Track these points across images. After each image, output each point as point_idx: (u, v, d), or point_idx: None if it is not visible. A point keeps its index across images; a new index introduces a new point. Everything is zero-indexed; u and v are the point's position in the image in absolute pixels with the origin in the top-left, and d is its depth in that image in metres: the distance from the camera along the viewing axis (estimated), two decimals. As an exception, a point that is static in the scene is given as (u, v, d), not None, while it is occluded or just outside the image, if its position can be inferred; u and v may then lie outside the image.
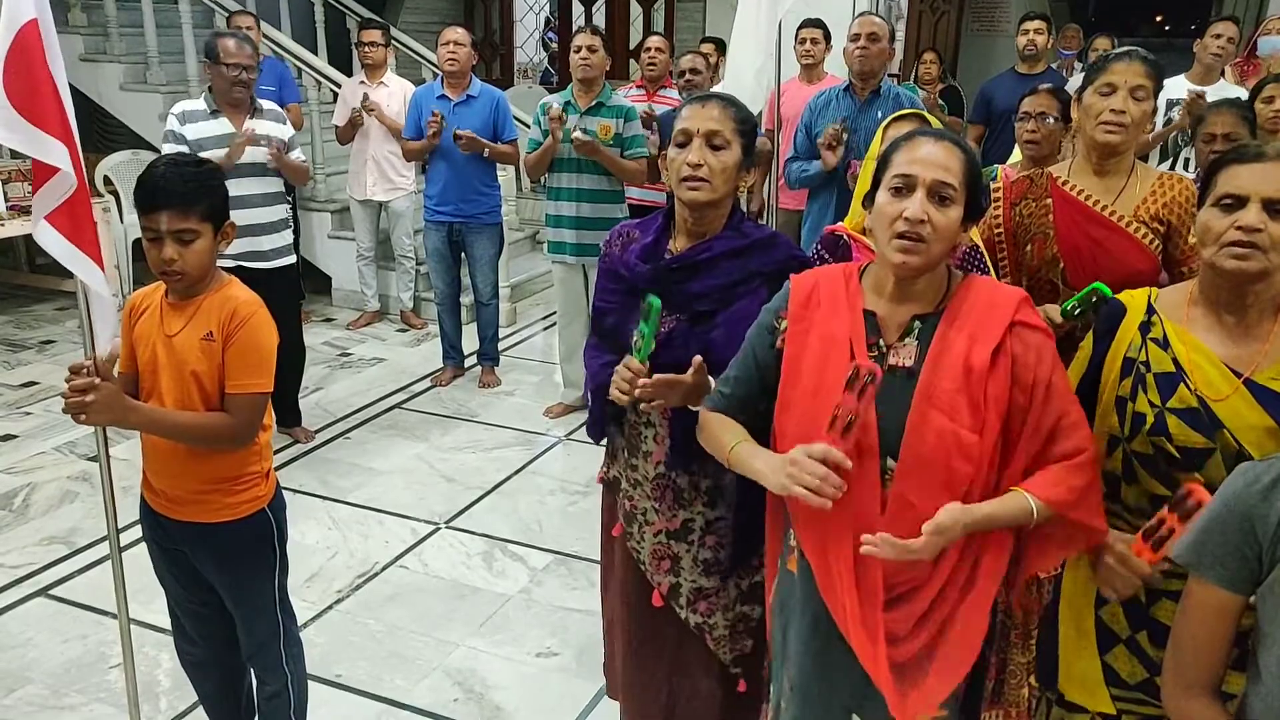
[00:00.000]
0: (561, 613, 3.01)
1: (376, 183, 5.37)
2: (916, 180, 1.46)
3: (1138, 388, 1.60)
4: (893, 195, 1.48)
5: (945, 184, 1.46)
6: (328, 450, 4.13)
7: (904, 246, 1.45)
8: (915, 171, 1.47)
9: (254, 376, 1.98)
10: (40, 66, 1.90)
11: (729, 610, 2.01)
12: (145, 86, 6.09)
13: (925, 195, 1.46)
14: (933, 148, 1.48)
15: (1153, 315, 1.63)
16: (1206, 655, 1.26)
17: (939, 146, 1.48)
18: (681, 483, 1.97)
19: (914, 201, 1.45)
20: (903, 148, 1.51)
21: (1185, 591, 1.31)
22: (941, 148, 1.48)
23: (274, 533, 2.13)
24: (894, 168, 1.49)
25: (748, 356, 1.66)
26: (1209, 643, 1.26)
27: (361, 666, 2.76)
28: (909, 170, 1.47)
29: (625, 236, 2.03)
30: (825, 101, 3.88)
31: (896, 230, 1.45)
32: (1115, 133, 2.11)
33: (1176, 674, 1.31)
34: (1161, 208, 2.16)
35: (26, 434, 4.19)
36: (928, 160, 1.47)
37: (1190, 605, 1.29)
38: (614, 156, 4.03)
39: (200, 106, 3.72)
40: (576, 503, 3.71)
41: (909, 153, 1.49)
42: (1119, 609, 1.66)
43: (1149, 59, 2.12)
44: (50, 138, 1.89)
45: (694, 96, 1.91)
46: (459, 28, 4.52)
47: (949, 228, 1.46)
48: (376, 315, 5.77)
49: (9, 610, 2.99)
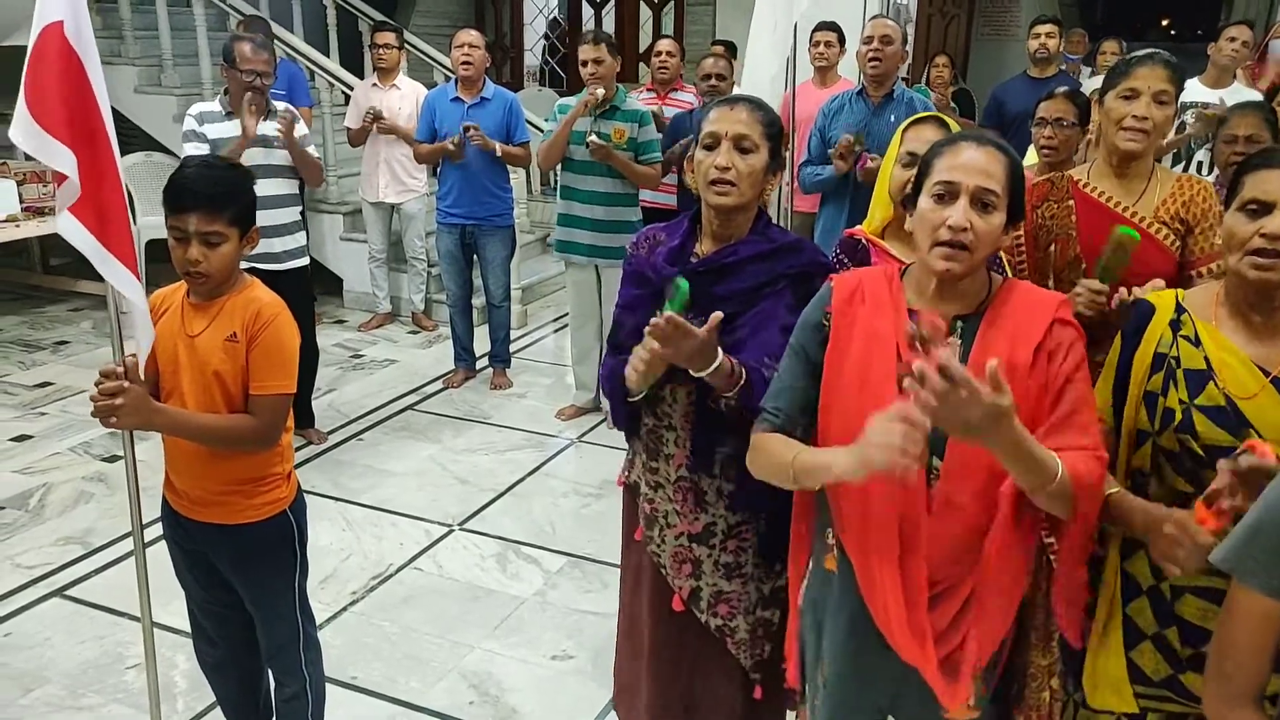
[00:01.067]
0: (576, 615, 3.01)
1: (389, 185, 5.38)
2: (960, 187, 1.45)
3: (1169, 382, 1.59)
4: (935, 202, 1.47)
5: (988, 190, 1.45)
6: (340, 452, 4.14)
7: (947, 254, 1.45)
8: (958, 178, 1.46)
9: (278, 378, 1.98)
10: (52, 69, 1.88)
11: (749, 614, 2.00)
12: (159, 89, 6.12)
13: (968, 202, 1.45)
14: (975, 153, 1.47)
15: (1182, 314, 1.62)
16: (1250, 664, 1.23)
17: (981, 151, 1.47)
18: (703, 485, 1.96)
19: (957, 209, 1.44)
20: (945, 153, 1.50)
21: (1228, 597, 1.27)
22: (984, 153, 1.47)
23: (295, 534, 2.14)
24: (936, 174, 1.48)
25: (797, 361, 1.62)
26: (1253, 651, 1.22)
27: (376, 668, 2.76)
28: (951, 177, 1.46)
29: (652, 240, 2.03)
30: (839, 106, 3.88)
31: (939, 238, 1.45)
32: (1137, 140, 2.11)
33: (1219, 683, 1.27)
34: (1180, 208, 2.16)
35: (42, 434, 4.21)
36: (970, 166, 1.46)
37: (1233, 612, 1.25)
38: (628, 161, 4.03)
39: (215, 108, 3.74)
40: (590, 505, 3.71)
41: (951, 158, 1.48)
42: (1147, 604, 1.65)
43: (1172, 62, 2.11)
44: (56, 142, 1.85)
45: (722, 99, 1.91)
46: (473, 30, 4.53)
47: (991, 234, 1.46)
48: (388, 317, 5.78)
49: (26, 610, 3.00)
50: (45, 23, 1.89)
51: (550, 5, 9.52)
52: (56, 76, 1.89)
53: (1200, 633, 1.55)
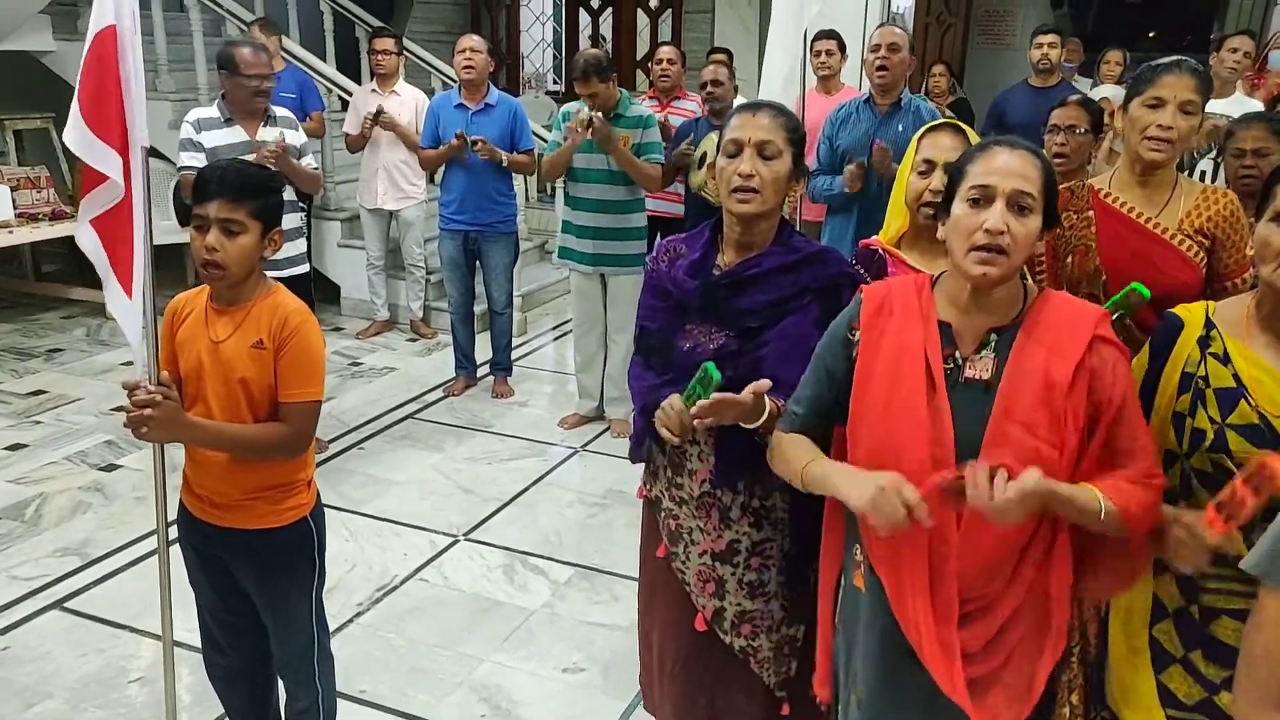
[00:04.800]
0: (586, 627, 2.97)
1: (387, 191, 5.34)
2: (995, 190, 1.44)
3: (1197, 403, 1.57)
4: (970, 206, 1.46)
5: (1024, 193, 1.44)
6: (342, 461, 4.09)
7: (983, 259, 1.43)
8: (994, 182, 1.44)
9: (308, 385, 1.96)
10: (109, 73, 1.89)
11: (773, 632, 1.97)
12: (154, 94, 6.06)
13: (1004, 206, 1.43)
14: (1009, 156, 1.46)
15: (1211, 330, 1.60)
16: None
17: (1015, 155, 1.46)
18: (727, 501, 1.93)
19: (994, 213, 1.43)
20: (978, 158, 1.48)
21: (1258, 605, 1.27)
22: (1018, 156, 1.46)
23: (315, 541, 2.11)
24: (970, 178, 1.47)
25: (820, 372, 1.63)
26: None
27: (385, 681, 2.72)
28: (987, 180, 1.44)
29: (672, 251, 2.00)
30: (846, 114, 3.86)
31: (976, 242, 1.43)
32: (1161, 150, 2.09)
33: (1249, 690, 1.26)
34: (1206, 221, 2.14)
35: (36, 443, 4.15)
36: (1006, 170, 1.44)
37: (1263, 619, 1.24)
38: (627, 154, 3.98)
39: (214, 114, 3.69)
40: (595, 515, 3.67)
41: (986, 162, 1.46)
42: (1172, 627, 1.63)
43: (1199, 71, 2.08)
44: (104, 144, 1.89)
45: (745, 105, 1.88)
46: (475, 35, 4.50)
47: (1028, 238, 1.44)
48: (386, 324, 5.73)
49: (25, 623, 2.95)
50: (100, 26, 1.89)
51: (547, 12, 9.51)
52: (112, 81, 1.90)
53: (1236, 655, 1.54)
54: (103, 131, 1.86)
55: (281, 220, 2.01)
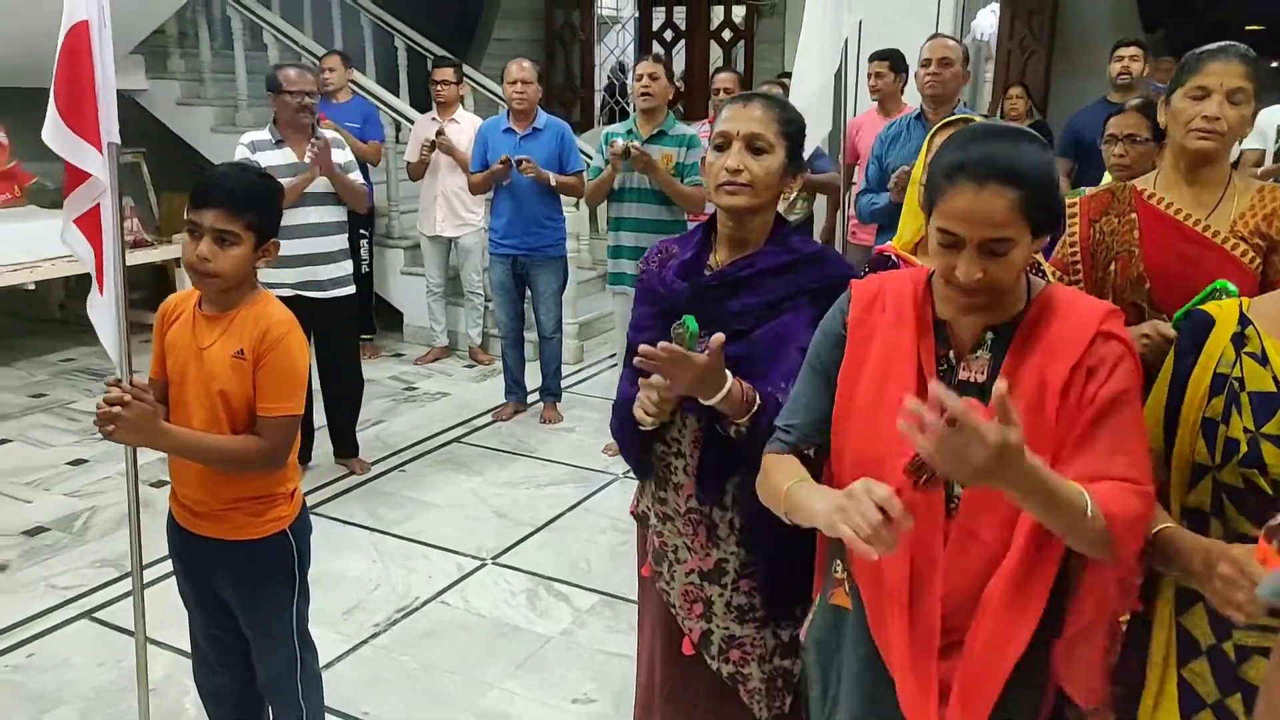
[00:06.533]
0: (602, 656, 2.85)
1: (445, 219, 5.39)
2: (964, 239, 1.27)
3: (1231, 408, 1.38)
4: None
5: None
6: (382, 482, 4.08)
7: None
8: (961, 232, 1.26)
9: (286, 399, 1.92)
10: (84, 68, 1.90)
11: (765, 662, 1.82)
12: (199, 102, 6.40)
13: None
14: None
15: (1247, 327, 1.41)
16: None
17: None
18: (715, 518, 1.80)
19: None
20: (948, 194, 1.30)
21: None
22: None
23: (294, 555, 2.05)
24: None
25: (813, 375, 1.49)
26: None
27: (391, 705, 2.64)
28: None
29: (664, 253, 1.90)
30: (896, 131, 3.72)
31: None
32: (1208, 139, 1.89)
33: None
34: (1262, 221, 1.92)
35: (96, 459, 4.26)
36: (972, 217, 1.25)
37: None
38: (670, 179, 3.92)
39: (266, 137, 3.78)
40: (628, 542, 3.52)
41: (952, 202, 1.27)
42: (1206, 669, 1.42)
43: (1248, 55, 1.87)
44: (83, 141, 1.89)
45: (738, 95, 1.78)
46: (525, 60, 4.50)
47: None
48: (445, 351, 5.77)
49: (54, 631, 2.99)
50: (72, 23, 1.91)
51: (621, 46, 9.59)
52: (86, 77, 1.91)
53: None
54: (80, 128, 1.87)
55: (278, 230, 1.97)
